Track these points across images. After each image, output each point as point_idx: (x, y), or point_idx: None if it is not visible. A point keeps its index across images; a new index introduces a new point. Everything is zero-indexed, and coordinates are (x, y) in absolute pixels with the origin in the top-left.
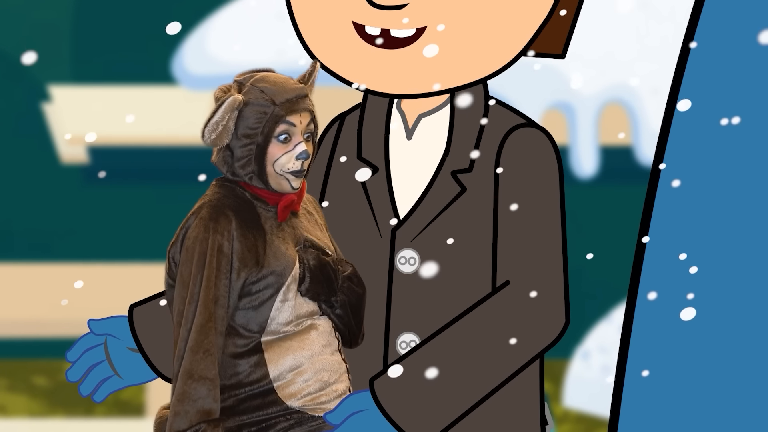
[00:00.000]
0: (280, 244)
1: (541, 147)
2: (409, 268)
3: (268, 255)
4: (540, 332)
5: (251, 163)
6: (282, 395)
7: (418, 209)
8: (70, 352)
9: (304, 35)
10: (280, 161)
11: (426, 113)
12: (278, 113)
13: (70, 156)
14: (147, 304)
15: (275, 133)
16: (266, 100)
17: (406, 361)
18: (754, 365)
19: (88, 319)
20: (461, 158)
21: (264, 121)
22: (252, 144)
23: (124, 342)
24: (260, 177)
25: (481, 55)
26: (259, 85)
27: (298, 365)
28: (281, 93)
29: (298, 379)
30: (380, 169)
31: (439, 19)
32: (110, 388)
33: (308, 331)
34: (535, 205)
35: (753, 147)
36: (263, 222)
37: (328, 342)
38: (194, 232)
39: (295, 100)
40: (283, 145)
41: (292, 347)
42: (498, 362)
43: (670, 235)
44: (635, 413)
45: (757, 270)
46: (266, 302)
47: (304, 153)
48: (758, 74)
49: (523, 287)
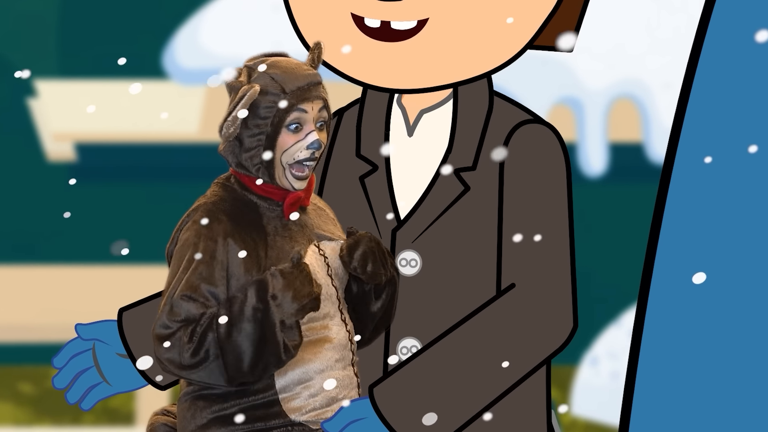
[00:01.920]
0: (285, 244)
1: (548, 144)
2: (410, 270)
3: (270, 257)
4: (547, 337)
5: (260, 154)
6: (286, 408)
7: (420, 209)
8: (56, 358)
9: (301, 27)
10: (289, 151)
11: (428, 109)
12: (289, 101)
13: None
14: (137, 307)
15: (286, 122)
16: (276, 88)
17: (407, 367)
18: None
19: (75, 323)
20: (464, 156)
21: (274, 110)
22: (262, 134)
23: (113, 347)
24: (268, 170)
25: (485, 48)
26: (269, 72)
27: (307, 379)
28: (292, 80)
29: (304, 393)
30: (380, 167)
31: (442, 10)
32: (99, 396)
33: (322, 344)
34: (542, 205)
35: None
36: (265, 223)
37: (342, 356)
38: (185, 235)
39: (306, 87)
40: (294, 135)
41: (303, 359)
42: (503, 368)
43: (683, 236)
44: (646, 421)
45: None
46: None
47: (316, 142)
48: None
49: (529, 290)
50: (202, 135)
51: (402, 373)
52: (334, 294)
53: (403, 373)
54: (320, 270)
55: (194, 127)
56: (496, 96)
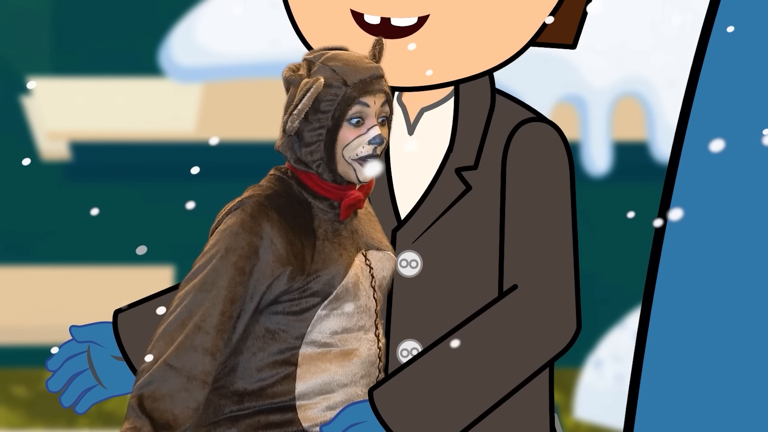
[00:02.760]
0: (332, 251)
1: (551, 143)
2: (411, 271)
3: (316, 262)
4: (550, 339)
5: (320, 149)
6: (302, 416)
7: (420, 209)
8: (50, 361)
9: (300, 24)
10: (351, 145)
11: (429, 107)
12: (351, 94)
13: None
14: (132, 309)
15: (347, 116)
16: (338, 80)
17: (408, 369)
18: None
19: (69, 325)
20: (466, 155)
21: (336, 104)
22: (322, 128)
23: (108, 350)
24: (329, 165)
25: (487, 45)
26: (330, 64)
27: (328, 390)
28: (354, 73)
29: (323, 404)
30: None
31: (442, 7)
32: (93, 399)
33: (350, 357)
34: (545, 205)
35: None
36: (316, 226)
37: (368, 372)
38: (231, 220)
39: (369, 80)
40: (356, 129)
41: (329, 369)
42: (505, 371)
43: (689, 237)
44: (651, 426)
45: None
46: (309, 310)
47: (378, 137)
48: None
49: (532, 291)
50: (199, 133)
51: (403, 376)
52: (372, 307)
53: (404, 376)
54: (364, 281)
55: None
56: (498, 94)
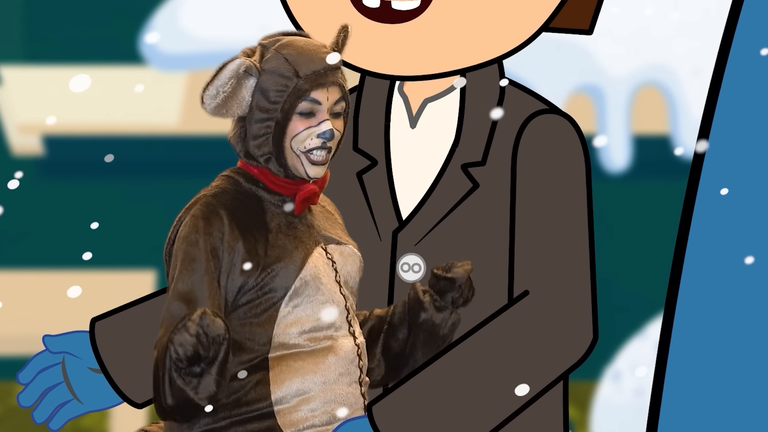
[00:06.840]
0: (287, 243)
1: (565, 136)
2: (413, 276)
3: (269, 256)
4: (564, 350)
5: (268, 143)
6: (282, 422)
7: (423, 209)
8: (22, 373)
9: (293, 8)
10: (299, 137)
11: (432, 98)
12: (302, 87)
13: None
14: (111, 317)
15: (297, 109)
16: (289, 70)
17: (410, 383)
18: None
19: (43, 334)
20: (473, 150)
21: (285, 95)
22: (270, 120)
23: (85, 361)
24: (278, 159)
25: (495, 30)
26: (283, 52)
27: (305, 391)
28: (308, 63)
29: (303, 407)
30: (379, 162)
31: None
32: (69, 414)
33: (325, 354)
34: (558, 204)
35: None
36: (269, 219)
37: (348, 371)
38: (184, 231)
39: (323, 72)
40: (306, 120)
41: (303, 369)
42: (515, 385)
43: (714, 238)
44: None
45: None
46: (270, 309)
47: (329, 132)
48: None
49: (545, 298)
50: (183, 126)
51: (404, 390)
52: (342, 303)
53: (405, 390)
54: (326, 275)
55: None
56: (507, 82)
